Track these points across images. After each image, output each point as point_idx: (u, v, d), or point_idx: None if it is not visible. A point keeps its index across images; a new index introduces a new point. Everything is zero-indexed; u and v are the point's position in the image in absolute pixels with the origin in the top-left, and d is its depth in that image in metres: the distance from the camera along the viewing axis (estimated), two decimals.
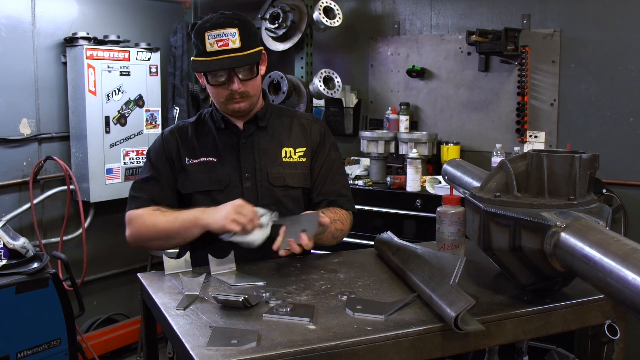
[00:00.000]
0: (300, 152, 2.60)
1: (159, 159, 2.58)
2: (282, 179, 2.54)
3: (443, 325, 1.69)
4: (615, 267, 1.42)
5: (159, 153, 2.59)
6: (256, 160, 2.54)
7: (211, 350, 1.53)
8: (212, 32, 2.37)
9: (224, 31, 2.37)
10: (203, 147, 2.56)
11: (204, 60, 2.40)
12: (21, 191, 4.53)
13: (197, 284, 2.02)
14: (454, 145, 4.68)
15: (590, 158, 1.91)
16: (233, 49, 2.38)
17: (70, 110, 4.70)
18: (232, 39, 2.37)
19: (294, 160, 2.58)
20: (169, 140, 2.60)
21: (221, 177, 2.51)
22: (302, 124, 2.66)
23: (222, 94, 2.46)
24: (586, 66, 4.32)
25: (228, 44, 2.37)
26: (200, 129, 2.62)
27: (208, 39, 2.37)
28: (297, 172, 2.57)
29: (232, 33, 2.37)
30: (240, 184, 2.51)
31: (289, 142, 2.60)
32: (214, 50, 2.37)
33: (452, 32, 4.86)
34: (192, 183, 2.51)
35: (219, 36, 2.37)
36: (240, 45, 2.38)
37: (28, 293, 3.33)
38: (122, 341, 5.02)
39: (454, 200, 2.28)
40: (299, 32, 4.87)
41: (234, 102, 2.47)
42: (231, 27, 2.38)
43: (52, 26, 4.64)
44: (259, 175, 2.53)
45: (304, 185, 2.59)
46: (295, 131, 2.64)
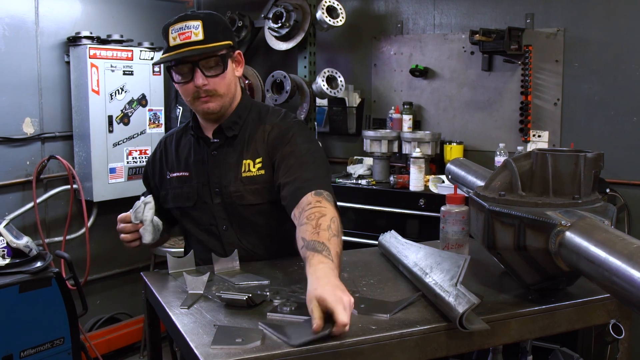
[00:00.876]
0: (259, 164, 2.36)
1: (147, 173, 2.65)
2: (242, 197, 2.35)
3: (448, 324, 1.68)
4: (620, 266, 1.42)
5: (147, 166, 2.66)
6: (222, 176, 2.39)
7: (215, 349, 1.53)
8: (174, 26, 2.26)
9: (186, 24, 2.24)
10: (179, 161, 2.50)
11: (166, 55, 2.28)
12: (24, 190, 4.53)
13: (201, 282, 2.02)
14: (457, 145, 4.67)
15: (595, 157, 1.91)
16: (195, 41, 2.23)
17: (74, 110, 4.70)
18: (195, 31, 2.23)
19: (252, 174, 2.35)
20: (156, 154, 2.61)
21: (190, 194, 2.42)
22: (264, 131, 2.40)
23: (188, 92, 2.31)
24: (590, 66, 4.31)
25: (190, 36, 2.23)
26: (183, 139, 2.54)
27: (171, 33, 2.26)
28: (257, 188, 2.35)
29: (195, 25, 2.24)
30: (210, 199, 2.40)
31: (248, 154, 2.38)
32: (176, 44, 2.25)
33: (456, 32, 4.85)
34: (169, 199, 2.49)
35: (181, 29, 2.24)
36: (203, 37, 2.24)
37: (31, 292, 3.33)
38: (125, 340, 5.02)
39: (458, 200, 2.28)
40: (302, 32, 4.87)
41: (202, 101, 2.31)
42: (194, 19, 2.25)
43: (55, 25, 4.64)
44: (224, 192, 2.38)
45: (270, 198, 2.34)
46: (256, 140, 2.39)
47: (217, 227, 2.42)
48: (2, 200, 4.42)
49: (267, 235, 2.42)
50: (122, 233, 2.33)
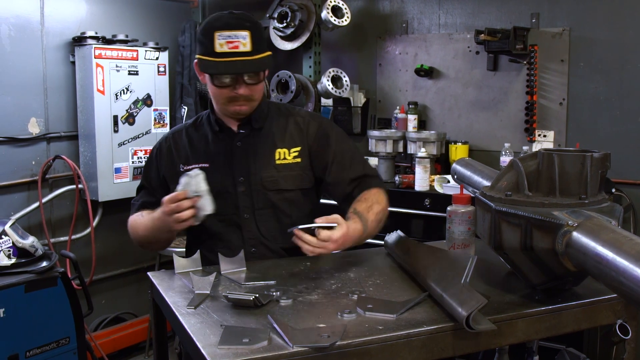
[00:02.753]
0: (295, 152, 2.51)
1: (151, 168, 2.63)
2: (276, 182, 2.47)
3: (454, 324, 1.68)
4: (628, 267, 1.42)
5: (151, 161, 2.63)
6: (250, 164, 2.48)
7: (223, 349, 1.53)
8: (222, 33, 2.29)
9: (235, 33, 2.29)
10: (195, 153, 2.53)
11: (212, 60, 2.32)
12: (30, 190, 4.54)
13: (207, 282, 2.02)
14: (463, 145, 4.66)
15: (602, 157, 1.91)
16: (243, 52, 2.30)
17: (79, 110, 4.71)
18: (243, 41, 2.29)
19: (288, 161, 2.49)
20: (162, 148, 2.60)
21: (213, 184, 2.40)
22: (297, 123, 2.56)
23: (224, 95, 2.39)
24: (595, 65, 4.31)
25: (238, 46, 2.29)
26: (195, 133, 2.58)
27: (218, 39, 2.29)
28: (292, 174, 2.49)
29: (244, 36, 2.30)
30: (234, 188, 2.46)
31: (282, 143, 2.51)
32: (224, 51, 2.29)
33: (461, 31, 4.85)
34: None
35: (229, 37, 2.29)
36: (250, 49, 2.31)
37: (37, 292, 3.34)
38: (130, 340, 5.03)
39: (465, 199, 2.28)
40: (307, 31, 4.86)
41: (237, 104, 2.41)
42: (243, 29, 2.30)
43: (60, 26, 4.65)
44: (252, 179, 2.46)
45: (301, 186, 2.52)
46: (291, 131, 2.54)
47: (239, 216, 2.46)
48: (8, 200, 4.43)
49: (289, 223, 2.44)
50: (176, 213, 2.23)
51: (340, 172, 2.53)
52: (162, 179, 2.57)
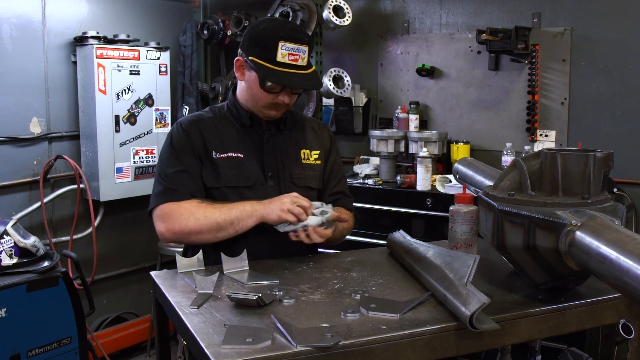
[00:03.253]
0: (316, 155, 2.65)
1: (186, 152, 2.49)
2: (305, 180, 2.58)
3: (458, 324, 1.68)
4: (632, 266, 1.42)
5: (185, 145, 2.50)
6: (278, 160, 2.55)
7: (226, 349, 1.53)
8: (287, 44, 2.37)
9: (298, 47, 2.40)
10: (229, 142, 2.52)
11: (272, 68, 2.37)
12: (31, 190, 4.54)
13: (210, 282, 2.02)
14: (464, 144, 4.66)
15: (605, 157, 1.91)
16: (301, 65, 2.41)
17: (80, 110, 4.71)
18: (302, 56, 2.41)
19: (311, 162, 2.63)
20: (192, 132, 2.52)
21: (249, 174, 2.49)
22: (313, 128, 2.72)
23: (266, 99, 2.46)
24: (597, 65, 4.30)
25: (297, 60, 2.40)
26: (221, 123, 2.57)
27: (281, 49, 2.36)
28: (315, 174, 2.62)
29: (304, 50, 2.42)
30: (265, 181, 2.51)
31: (305, 144, 2.64)
32: (285, 62, 2.38)
33: (462, 31, 4.84)
34: (221, 177, 2.46)
35: (293, 50, 2.39)
36: (306, 63, 2.43)
37: (39, 292, 3.34)
38: (132, 340, 5.03)
39: (467, 199, 2.27)
40: (308, 31, 4.86)
41: (275, 109, 2.50)
42: (304, 44, 2.42)
43: (62, 25, 4.65)
44: (282, 175, 2.54)
45: (319, 186, 2.64)
46: (309, 134, 2.69)
47: None
48: (10, 200, 4.43)
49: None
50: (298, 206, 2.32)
51: (329, 183, 2.69)
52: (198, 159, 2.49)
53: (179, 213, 2.38)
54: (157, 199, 2.45)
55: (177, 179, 2.45)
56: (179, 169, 2.46)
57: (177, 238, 2.42)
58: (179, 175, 2.45)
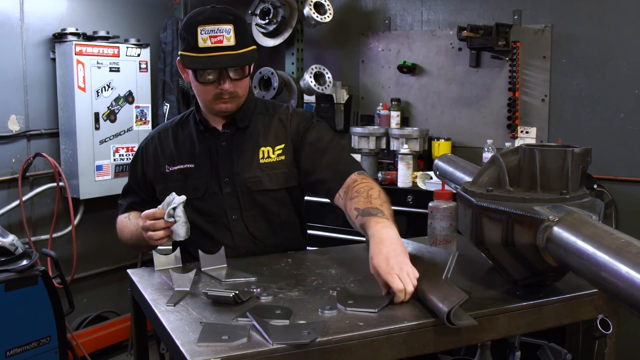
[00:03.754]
0: (279, 150, 2.45)
1: (135, 168, 2.59)
2: (259, 183, 2.41)
3: (436, 320, 1.68)
4: (608, 261, 1.42)
5: (136, 161, 2.59)
6: (234, 164, 2.43)
7: (202, 347, 1.52)
8: (205, 27, 2.24)
9: (218, 27, 2.24)
10: (180, 154, 2.48)
11: (195, 56, 2.26)
12: (10, 188, 4.49)
13: (187, 280, 2.00)
14: (445, 141, 4.67)
15: (583, 152, 1.91)
16: (227, 46, 2.25)
17: (60, 107, 4.66)
18: (227, 35, 2.24)
19: (272, 160, 2.43)
20: (148, 148, 2.55)
21: (198, 184, 2.41)
22: (281, 120, 2.50)
23: (209, 92, 2.34)
24: (577, 62, 4.32)
25: (222, 40, 2.24)
26: (180, 132, 2.53)
27: (201, 33, 2.24)
28: (277, 173, 2.43)
29: (227, 30, 2.25)
30: (219, 189, 2.42)
31: (266, 141, 2.45)
32: (207, 46, 2.24)
33: (443, 28, 4.85)
34: (168, 192, 2.33)
35: (213, 32, 2.24)
36: (234, 42, 2.25)
37: (17, 291, 3.31)
38: (112, 339, 4.99)
39: (446, 195, 2.28)
40: (289, 28, 4.85)
41: (222, 101, 2.36)
42: (226, 23, 2.25)
43: (40, 22, 4.60)
44: (237, 180, 2.42)
45: (286, 185, 2.46)
46: (275, 128, 2.48)
47: (227, 217, 2.43)
48: None
49: (278, 223, 2.47)
50: (150, 231, 2.22)
51: (315, 159, 2.42)
52: (147, 179, 2.53)
53: (117, 226, 2.56)
54: None
55: (124, 193, 2.64)
56: (127, 184, 2.64)
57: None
58: (127, 190, 2.64)
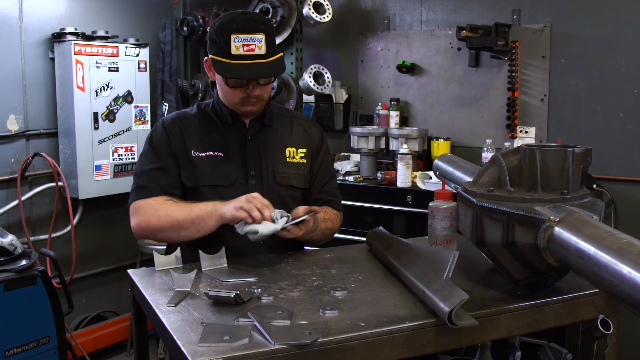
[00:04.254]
0: (302, 153, 2.60)
1: (164, 150, 2.49)
2: (288, 179, 2.54)
3: (437, 320, 1.68)
4: (610, 261, 1.42)
5: (163, 143, 2.50)
6: (262, 159, 2.52)
7: (203, 347, 1.52)
8: (239, 36, 2.32)
9: (251, 36, 2.33)
10: (210, 141, 2.51)
11: (228, 62, 2.34)
12: (9, 188, 4.48)
13: (188, 280, 2.00)
14: (445, 141, 4.67)
15: (583, 152, 1.91)
16: (258, 55, 2.34)
17: (59, 107, 4.66)
18: (259, 44, 2.33)
19: (296, 161, 2.58)
20: (173, 130, 2.52)
21: (228, 173, 2.46)
22: (302, 125, 2.66)
23: (237, 96, 2.43)
24: (576, 62, 4.32)
25: (254, 49, 2.33)
26: (204, 121, 2.55)
27: (234, 41, 2.32)
28: (300, 173, 2.57)
29: (259, 39, 2.34)
30: (245, 181, 2.47)
31: (291, 142, 2.60)
32: (240, 54, 2.33)
33: (442, 28, 4.85)
34: (199, 176, 2.44)
35: (246, 40, 2.32)
36: (265, 51, 2.35)
37: (16, 291, 3.30)
38: (111, 339, 4.98)
39: (447, 195, 2.27)
40: (288, 28, 4.84)
41: (249, 104, 2.45)
42: (258, 32, 2.34)
43: (39, 22, 4.59)
44: (265, 174, 2.50)
45: (304, 186, 2.60)
46: (297, 132, 2.63)
47: None
48: None
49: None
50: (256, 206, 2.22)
51: (317, 182, 2.64)
52: (175, 158, 2.49)
53: (144, 210, 2.40)
54: (132, 195, 2.47)
55: (151, 176, 2.46)
56: (154, 167, 2.47)
57: (145, 234, 2.43)
58: (153, 173, 2.46)
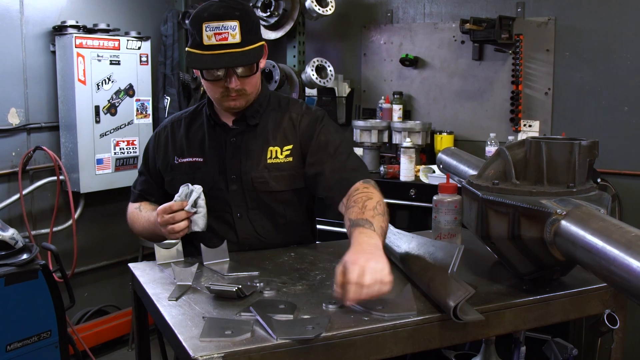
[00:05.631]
0: (287, 151, 2.38)
1: (148, 157, 2.56)
2: (266, 184, 2.36)
3: (441, 315, 1.66)
4: (618, 255, 1.40)
5: (149, 151, 2.56)
6: (242, 162, 2.38)
7: (204, 342, 1.50)
8: (210, 24, 2.18)
9: (223, 24, 2.17)
10: (191, 146, 2.45)
11: (199, 53, 2.21)
12: (10, 182, 4.47)
13: (189, 274, 1.98)
14: (448, 135, 4.64)
15: (590, 145, 1.89)
16: (232, 44, 2.18)
17: (60, 100, 4.64)
18: (232, 32, 2.18)
19: (279, 161, 2.37)
20: (160, 137, 2.53)
21: (205, 179, 2.36)
22: (291, 119, 2.42)
23: (217, 90, 2.29)
24: (581, 55, 4.29)
25: (227, 38, 2.17)
26: (193, 124, 2.50)
27: (206, 30, 2.18)
28: (283, 175, 2.37)
29: (232, 26, 2.17)
30: (225, 186, 2.38)
31: (275, 141, 2.39)
32: (212, 44, 2.18)
33: (446, 21, 4.82)
34: (176, 184, 2.33)
35: (217, 29, 2.17)
36: (240, 40, 2.19)
37: (17, 285, 3.29)
38: (113, 333, 4.98)
39: (451, 189, 2.25)
40: (291, 21, 4.82)
41: (230, 99, 2.30)
42: (231, 19, 2.18)
43: (40, 14, 4.57)
44: (244, 178, 2.37)
45: (292, 187, 2.39)
46: (284, 128, 2.41)
47: (232, 215, 2.40)
48: None
49: (284, 223, 2.44)
50: (169, 224, 2.19)
51: (321, 163, 2.35)
52: (157, 168, 2.51)
53: (129, 214, 2.56)
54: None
55: (138, 180, 2.60)
56: (140, 170, 2.60)
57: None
58: (139, 177, 2.60)
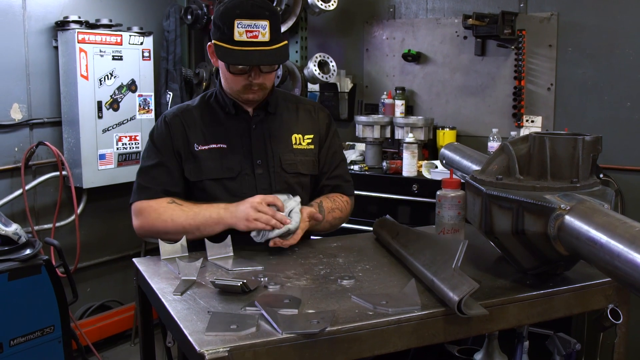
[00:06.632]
0: (309, 139, 2.58)
1: (165, 145, 2.48)
2: (295, 166, 2.52)
3: (445, 309, 1.66)
4: (623, 250, 1.40)
5: (164, 138, 2.49)
6: (267, 147, 2.50)
7: (210, 336, 1.50)
8: (242, 21, 2.29)
9: (255, 22, 2.29)
10: (212, 133, 2.49)
11: (230, 48, 2.31)
12: (13, 177, 4.48)
13: (194, 268, 1.99)
14: (450, 130, 4.64)
15: (594, 140, 1.89)
16: (262, 42, 2.31)
17: (62, 95, 4.64)
18: (262, 31, 2.30)
19: (303, 147, 2.56)
20: (174, 125, 2.50)
21: (232, 165, 2.44)
22: (308, 110, 2.64)
23: (239, 83, 2.41)
24: (583, 50, 4.29)
25: (257, 36, 2.30)
26: (207, 113, 2.54)
27: (237, 27, 2.29)
28: (307, 159, 2.55)
29: (263, 25, 2.30)
30: (251, 171, 2.46)
31: (297, 128, 2.58)
32: (242, 40, 2.30)
33: (449, 16, 4.81)
34: (202, 170, 2.43)
35: (249, 27, 2.29)
36: (269, 38, 2.32)
37: (21, 280, 3.29)
38: (116, 328, 4.99)
39: (454, 184, 2.25)
40: (293, 16, 4.81)
41: (250, 92, 2.43)
42: (262, 18, 2.30)
43: (43, 10, 4.57)
44: (271, 162, 2.49)
45: (313, 172, 2.58)
46: (303, 117, 2.62)
47: None
48: None
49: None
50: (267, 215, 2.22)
51: (327, 168, 2.63)
52: (177, 154, 2.48)
53: (147, 212, 2.41)
54: (134, 195, 2.48)
55: (153, 174, 2.46)
56: (155, 163, 2.47)
57: (149, 235, 2.44)
58: (155, 170, 2.47)
